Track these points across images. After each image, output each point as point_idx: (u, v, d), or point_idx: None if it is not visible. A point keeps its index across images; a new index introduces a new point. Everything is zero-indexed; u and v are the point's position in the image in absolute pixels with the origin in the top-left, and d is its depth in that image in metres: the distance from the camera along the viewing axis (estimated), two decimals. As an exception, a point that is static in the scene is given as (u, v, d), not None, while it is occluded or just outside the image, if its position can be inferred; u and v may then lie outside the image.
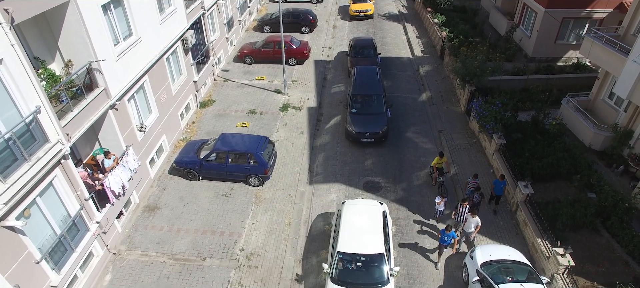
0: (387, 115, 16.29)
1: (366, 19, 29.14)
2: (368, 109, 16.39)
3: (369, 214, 11.17)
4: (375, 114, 16.15)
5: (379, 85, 17.32)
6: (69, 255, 9.86)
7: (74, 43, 10.30)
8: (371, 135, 15.50)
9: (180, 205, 13.33)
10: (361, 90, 16.98)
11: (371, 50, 21.39)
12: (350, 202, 11.72)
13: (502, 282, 9.66)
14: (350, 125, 15.76)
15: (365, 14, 28.95)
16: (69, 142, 9.60)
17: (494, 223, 12.60)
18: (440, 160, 13.40)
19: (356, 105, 16.55)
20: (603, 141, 15.04)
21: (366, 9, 28.86)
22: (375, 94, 16.80)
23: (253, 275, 11.15)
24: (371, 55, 21.09)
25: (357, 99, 16.72)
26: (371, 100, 16.66)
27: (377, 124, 15.73)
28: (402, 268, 11.25)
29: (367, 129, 15.52)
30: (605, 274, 11.10)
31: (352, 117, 16.11)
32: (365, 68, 18.66)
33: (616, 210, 12.12)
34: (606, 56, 14.82)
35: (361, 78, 17.71)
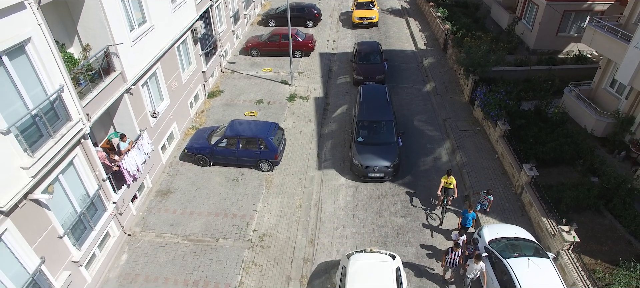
0: (399, 143, 14.26)
1: (370, 27, 26.95)
2: (377, 138, 14.38)
3: (380, 275, 9.25)
4: (385, 144, 14.06)
5: (388, 109, 15.29)
6: (88, 232, 10.14)
7: (92, 27, 10.59)
8: (380, 169, 13.46)
9: (192, 190, 13.61)
10: (369, 116, 14.95)
11: (377, 56, 20.23)
12: (356, 257, 9.69)
13: (509, 257, 9.95)
14: (356, 158, 13.73)
15: (370, 21, 26.59)
16: (89, 122, 9.87)
17: (499, 205, 12.90)
18: (448, 180, 12.11)
19: (363, 133, 14.56)
20: (605, 128, 15.37)
21: (371, 16, 26.52)
22: (385, 120, 14.74)
23: (266, 254, 11.43)
24: (377, 62, 19.92)
25: (364, 125, 14.73)
26: (380, 128, 14.67)
27: (387, 156, 13.66)
28: (411, 247, 11.56)
29: (376, 162, 13.50)
30: (608, 253, 11.40)
31: (358, 147, 14.03)
32: (373, 88, 16.93)
33: (618, 192, 12.44)
34: (608, 44, 15.15)
35: (368, 101, 15.73)
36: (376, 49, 20.69)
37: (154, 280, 10.73)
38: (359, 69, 19.67)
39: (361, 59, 20.20)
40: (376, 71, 19.41)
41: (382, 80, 19.29)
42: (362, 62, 20.04)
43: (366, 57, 20.21)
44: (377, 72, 19.38)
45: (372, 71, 19.38)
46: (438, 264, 11.13)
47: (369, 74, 19.25)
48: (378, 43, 21.52)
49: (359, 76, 19.46)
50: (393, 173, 13.73)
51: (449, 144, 15.75)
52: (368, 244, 11.68)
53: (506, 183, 13.73)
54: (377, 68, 19.60)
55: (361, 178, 13.82)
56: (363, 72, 19.42)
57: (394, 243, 11.75)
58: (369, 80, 19.10)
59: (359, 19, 26.58)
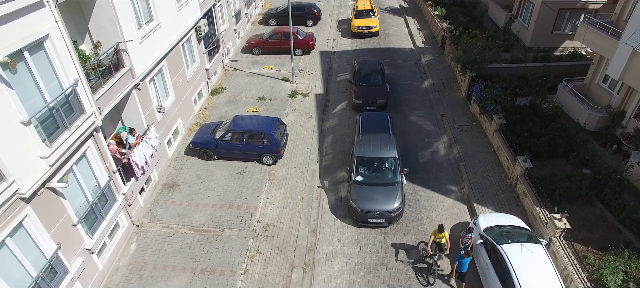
0: (403, 182, 12.79)
1: (370, 36, 25.55)
2: (378, 178, 12.74)
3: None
4: (387, 185, 12.41)
5: (392, 142, 13.41)
6: (99, 222, 10.57)
7: (103, 25, 11.03)
8: (382, 214, 11.88)
9: (197, 183, 14.05)
10: (369, 152, 13.16)
11: (379, 76, 18.15)
12: None
13: (503, 243, 10.41)
14: (355, 201, 12.10)
15: (370, 31, 24.97)
16: (100, 115, 10.32)
17: (495, 196, 13.37)
18: (439, 235, 10.58)
19: (362, 171, 12.87)
20: (597, 122, 15.85)
21: (371, 25, 24.95)
22: (388, 156, 13.03)
23: (270, 243, 11.88)
24: (379, 84, 17.88)
25: (364, 162, 12.99)
26: (382, 166, 13.02)
27: (390, 199, 12.04)
28: (409, 235, 12.02)
29: (378, 206, 11.89)
30: (599, 240, 11.86)
31: (357, 189, 12.36)
32: (374, 117, 14.95)
33: (609, 183, 12.91)
34: (600, 40, 15.64)
35: (368, 133, 13.90)
36: (377, 68, 18.65)
37: (162, 268, 11.17)
38: (358, 92, 17.61)
39: (361, 80, 18.13)
40: (378, 95, 17.44)
41: (384, 105, 17.43)
42: (362, 84, 17.98)
43: (366, 78, 18.14)
44: (378, 96, 17.40)
45: (373, 95, 17.44)
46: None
47: (369, 98, 17.36)
48: (379, 61, 19.72)
49: (358, 100, 17.47)
50: (396, 218, 12.15)
51: (447, 138, 16.22)
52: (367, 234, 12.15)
53: (501, 176, 14.20)
54: (378, 91, 17.58)
55: (360, 224, 12.31)
56: (363, 96, 17.41)
57: (393, 232, 12.22)
58: (370, 105, 17.33)
59: (358, 28, 25.08)
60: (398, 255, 11.50)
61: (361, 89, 17.77)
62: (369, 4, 26.64)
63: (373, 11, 26.21)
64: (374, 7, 27.00)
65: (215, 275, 10.95)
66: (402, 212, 12.23)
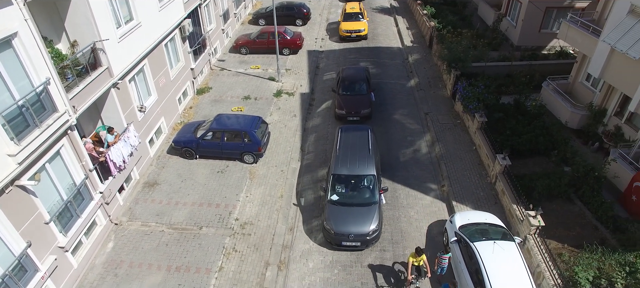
0: (381, 202, 12.12)
1: (359, 40, 24.74)
2: (354, 197, 11.99)
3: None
4: (363, 205, 11.68)
5: (371, 159, 12.52)
6: (74, 220, 10.61)
7: (79, 24, 11.08)
8: (357, 237, 11.13)
9: (178, 181, 14.10)
10: (346, 169, 12.34)
11: (363, 85, 17.40)
12: None
13: (477, 240, 10.43)
14: (329, 222, 11.36)
15: (358, 35, 24.28)
16: (75, 114, 10.36)
17: (474, 194, 13.40)
18: (418, 258, 9.92)
19: (339, 189, 12.11)
20: (579, 120, 15.87)
21: (359, 28, 24.21)
22: (366, 174, 12.23)
23: (247, 241, 11.92)
24: (363, 92, 17.17)
25: (340, 180, 12.25)
26: (360, 184, 12.25)
27: (366, 221, 11.29)
28: (386, 233, 12.05)
29: (352, 228, 11.15)
30: (575, 237, 11.89)
31: (332, 209, 11.60)
32: (353, 130, 14.12)
33: (587, 180, 12.95)
34: (581, 38, 15.67)
35: (346, 148, 13.05)
36: (362, 76, 17.87)
37: (137, 266, 11.21)
38: (340, 102, 16.82)
39: (344, 89, 17.31)
40: (361, 104, 16.67)
41: (368, 115, 16.71)
42: (346, 93, 17.17)
43: (350, 87, 17.34)
44: (362, 106, 16.64)
45: (357, 105, 16.66)
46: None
47: (352, 108, 16.58)
48: (365, 69, 19.03)
49: (341, 110, 16.67)
50: (373, 241, 11.42)
51: (429, 136, 16.26)
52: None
53: (482, 173, 14.23)
54: (362, 101, 16.80)
55: (334, 246, 11.56)
56: (346, 106, 16.62)
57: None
58: (353, 116, 16.61)
59: (346, 31, 24.30)
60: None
61: (344, 98, 16.98)
62: (358, 6, 26.13)
63: (362, 14, 25.54)
64: (364, 10, 26.53)
65: (190, 273, 10.99)
66: (379, 234, 11.48)
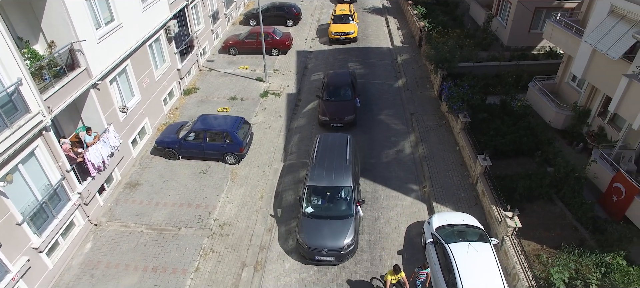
0: (359, 214, 11.77)
1: (348, 42, 24.31)
2: (329, 210, 11.55)
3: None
4: (339, 218, 11.26)
5: (348, 170, 12.00)
6: (50, 221, 10.62)
7: (56, 24, 11.10)
8: (331, 252, 10.74)
9: (160, 182, 14.10)
10: (321, 180, 11.84)
11: (348, 90, 16.94)
12: None
13: (451, 242, 10.40)
14: (302, 235, 11.01)
15: (348, 37, 23.89)
16: (50, 115, 10.36)
17: (455, 195, 13.36)
18: (396, 276, 9.61)
19: (314, 201, 11.70)
20: (564, 120, 15.80)
21: (349, 31, 23.84)
22: (342, 186, 11.71)
23: (224, 242, 11.91)
24: (348, 98, 16.70)
25: (315, 191, 11.79)
26: (336, 196, 11.74)
27: (340, 235, 10.85)
28: (364, 235, 12.02)
29: (326, 242, 10.76)
30: (555, 239, 11.83)
31: (306, 222, 11.24)
32: (332, 139, 13.46)
33: (568, 181, 12.89)
34: (565, 38, 15.62)
35: (323, 158, 12.53)
36: (348, 81, 17.41)
37: (115, 267, 11.22)
38: (324, 108, 16.35)
39: (329, 95, 16.87)
40: (346, 111, 16.25)
41: (352, 121, 16.33)
42: (330, 99, 16.73)
43: (335, 93, 16.92)
44: (346, 112, 16.22)
45: (341, 111, 16.25)
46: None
47: (336, 115, 16.19)
48: (350, 73, 18.51)
49: (324, 117, 16.25)
50: (348, 255, 10.98)
51: (414, 137, 16.22)
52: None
53: (464, 174, 14.19)
54: (347, 107, 16.37)
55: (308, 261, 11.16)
56: (330, 112, 16.20)
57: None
58: (337, 123, 16.21)
59: (336, 34, 23.96)
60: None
61: (328, 104, 16.53)
62: (348, 8, 25.89)
63: (352, 16, 25.21)
64: (354, 12, 26.27)
65: (166, 274, 10.99)
66: (354, 249, 11.04)
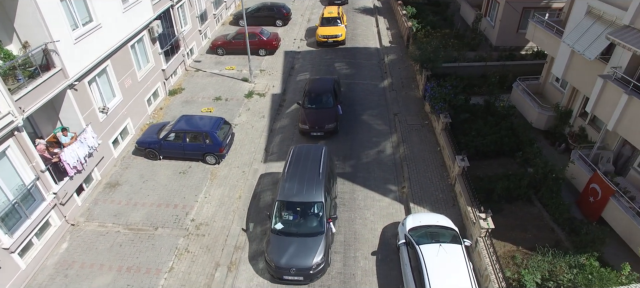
0: (331, 231, 11.16)
1: (336, 45, 24.05)
2: (299, 226, 11.09)
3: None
4: (308, 236, 10.77)
5: (320, 184, 11.37)
6: (23, 221, 10.64)
7: (29, 25, 11.12)
8: (299, 271, 10.31)
9: (139, 182, 14.13)
10: (292, 195, 11.28)
11: (330, 97, 16.47)
12: None
13: (423, 243, 10.39)
14: (270, 253, 10.56)
15: (335, 40, 23.68)
16: (21, 115, 10.39)
17: (433, 196, 13.34)
18: None
19: (284, 217, 11.23)
20: (546, 121, 15.77)
21: (336, 34, 23.64)
22: (313, 201, 11.16)
23: (200, 242, 11.93)
24: (330, 105, 16.25)
25: (285, 207, 11.33)
26: (307, 212, 11.25)
27: (309, 253, 10.38)
28: (339, 235, 12.02)
29: (294, 261, 10.33)
30: (531, 240, 11.80)
31: (275, 240, 10.78)
32: (306, 152, 12.81)
33: (546, 182, 12.86)
34: (546, 39, 15.59)
35: (295, 172, 11.93)
36: (330, 88, 16.89)
37: (89, 267, 11.24)
38: (304, 117, 15.93)
39: (310, 102, 16.47)
40: (326, 119, 15.83)
41: (333, 130, 15.91)
42: (311, 107, 16.33)
43: (316, 100, 16.48)
44: (327, 121, 15.78)
45: (322, 119, 15.82)
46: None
47: (316, 123, 15.76)
48: (333, 80, 17.79)
49: (304, 125, 15.84)
50: (317, 275, 10.53)
51: (396, 137, 16.21)
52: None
53: (444, 175, 14.17)
54: (328, 115, 15.93)
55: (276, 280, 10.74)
56: (309, 121, 15.76)
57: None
58: (317, 131, 15.82)
59: (323, 37, 23.78)
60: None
61: (309, 112, 16.10)
62: (336, 11, 25.57)
63: (340, 18, 24.99)
64: (343, 14, 26.00)
65: (140, 273, 11.01)
66: (324, 267, 10.57)
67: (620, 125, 11.18)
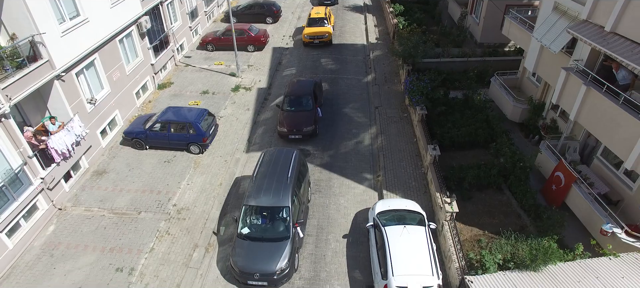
0: (298, 235, 11.11)
1: (322, 45, 24.16)
2: (265, 231, 10.99)
3: None
4: (274, 241, 10.70)
5: (287, 190, 11.23)
6: (10, 203, 11.22)
7: (16, 17, 11.70)
8: (264, 276, 10.25)
9: (126, 170, 14.71)
10: (259, 200, 11.17)
11: (309, 100, 16.30)
12: None
13: (388, 225, 10.92)
14: (234, 258, 10.51)
15: (321, 40, 23.73)
16: (8, 103, 10.97)
17: (406, 184, 13.87)
18: None
19: (253, 221, 11.19)
20: (521, 114, 16.28)
21: (323, 34, 23.65)
22: (279, 206, 11.03)
23: (180, 225, 12.50)
24: (309, 108, 16.08)
25: (252, 211, 11.25)
26: (274, 216, 11.12)
27: (273, 258, 10.33)
28: (313, 220, 12.57)
29: (258, 266, 10.27)
30: (497, 225, 12.32)
31: (240, 244, 10.74)
32: (277, 156, 12.62)
33: (514, 170, 13.38)
34: (520, 34, 16.11)
35: (263, 176, 11.82)
36: (309, 90, 16.70)
37: (74, 248, 11.82)
38: (282, 120, 15.78)
39: (289, 104, 16.32)
40: (304, 122, 15.66)
41: (312, 132, 15.77)
42: (290, 109, 16.17)
43: (295, 102, 16.30)
44: (305, 123, 15.62)
45: (300, 122, 15.65)
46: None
47: (294, 126, 15.60)
48: (314, 82, 17.55)
49: (282, 128, 15.65)
50: (283, 279, 10.46)
51: (375, 129, 16.74)
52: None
53: (418, 165, 14.70)
54: (306, 117, 15.77)
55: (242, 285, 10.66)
56: (287, 124, 15.61)
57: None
58: (295, 134, 15.68)
59: (309, 37, 23.82)
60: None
61: (287, 115, 15.98)
62: (323, 11, 25.69)
63: (327, 19, 25.01)
64: (330, 15, 26.19)
65: (122, 253, 11.58)
66: (289, 273, 10.47)
67: (581, 115, 11.68)
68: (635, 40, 9.66)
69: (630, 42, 9.81)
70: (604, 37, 10.55)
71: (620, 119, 10.00)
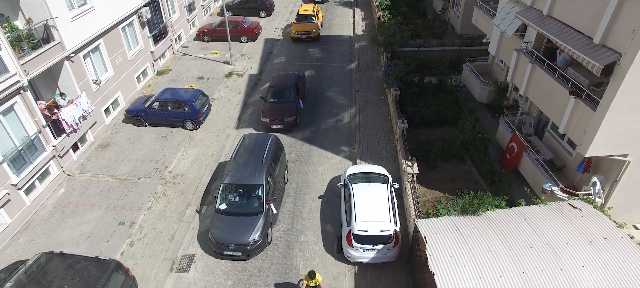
0: (272, 211, 12.06)
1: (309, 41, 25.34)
2: (241, 207, 11.88)
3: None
4: (248, 215, 11.59)
5: (262, 168, 12.25)
6: (27, 165, 12.89)
7: (33, 4, 13.37)
8: (237, 247, 11.13)
9: (127, 143, 16.35)
10: (235, 179, 12.17)
11: (291, 92, 17.15)
12: None
13: (355, 183, 12.49)
14: (211, 230, 11.44)
15: (309, 36, 24.90)
16: (26, 77, 12.62)
17: (378, 154, 15.46)
18: (312, 281, 9.59)
19: (229, 198, 12.09)
20: (488, 95, 17.83)
21: (309, 30, 24.83)
22: (254, 184, 11.97)
23: (175, 188, 14.11)
24: (291, 100, 16.97)
25: (231, 189, 12.19)
26: (250, 193, 12.02)
27: (246, 230, 11.21)
28: (293, 183, 14.16)
29: (233, 238, 11.16)
30: (458, 189, 13.80)
31: (217, 218, 11.69)
32: (255, 139, 13.69)
33: (474, 142, 14.95)
34: (485, 22, 17.68)
35: (240, 157, 12.88)
36: (291, 83, 17.63)
37: (82, 206, 13.46)
38: (265, 110, 16.71)
39: (272, 96, 17.26)
40: (286, 113, 16.56)
41: (293, 123, 16.68)
42: (273, 101, 17.10)
43: (278, 94, 17.24)
44: (286, 114, 16.51)
45: (281, 113, 16.58)
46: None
47: (276, 116, 16.53)
48: (297, 75, 18.51)
49: (265, 119, 16.59)
50: (256, 250, 11.38)
51: (354, 109, 18.33)
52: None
53: (390, 139, 16.28)
54: (288, 108, 16.66)
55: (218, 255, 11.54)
56: (269, 114, 16.56)
57: (282, 182, 14.35)
58: (277, 124, 16.56)
59: (297, 33, 25.06)
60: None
61: (270, 106, 16.93)
62: (311, 8, 26.83)
63: (315, 15, 26.20)
64: (319, 12, 27.35)
65: (124, 211, 13.21)
66: (262, 244, 11.42)
67: (528, 89, 13.24)
68: (565, 21, 11.21)
69: (561, 24, 11.36)
70: (542, 20, 12.10)
71: (555, 90, 11.57)
